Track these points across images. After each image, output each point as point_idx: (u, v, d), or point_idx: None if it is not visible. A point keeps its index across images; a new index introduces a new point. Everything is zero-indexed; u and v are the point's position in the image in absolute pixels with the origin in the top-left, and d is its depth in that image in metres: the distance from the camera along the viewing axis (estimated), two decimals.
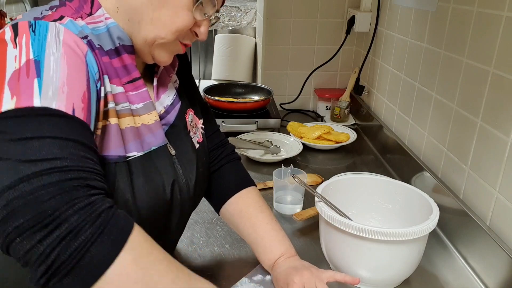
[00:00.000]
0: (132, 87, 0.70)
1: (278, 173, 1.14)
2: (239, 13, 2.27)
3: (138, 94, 0.71)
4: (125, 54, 0.69)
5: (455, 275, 0.94)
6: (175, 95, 0.81)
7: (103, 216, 0.52)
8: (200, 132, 0.86)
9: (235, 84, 1.88)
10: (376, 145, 1.56)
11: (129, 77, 0.70)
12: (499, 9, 0.91)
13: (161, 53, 0.72)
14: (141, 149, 0.70)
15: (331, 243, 0.88)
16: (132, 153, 0.68)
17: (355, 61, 1.88)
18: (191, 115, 0.84)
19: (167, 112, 0.78)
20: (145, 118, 0.72)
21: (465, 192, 1.04)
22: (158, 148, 0.73)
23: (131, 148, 0.68)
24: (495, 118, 0.93)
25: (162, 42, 0.69)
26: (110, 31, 0.67)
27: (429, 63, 1.23)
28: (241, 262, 0.96)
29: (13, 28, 0.59)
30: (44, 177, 0.50)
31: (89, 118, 0.59)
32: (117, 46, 0.68)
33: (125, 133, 0.68)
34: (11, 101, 0.53)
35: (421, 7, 1.27)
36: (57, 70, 0.57)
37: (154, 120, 0.73)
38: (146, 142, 0.71)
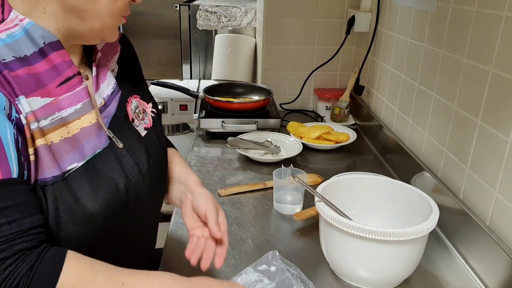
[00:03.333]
0: (66, 88, 0.66)
1: (278, 173, 1.14)
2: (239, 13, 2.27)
3: (73, 94, 0.67)
4: (52, 53, 0.65)
5: (455, 275, 0.94)
6: (115, 83, 0.78)
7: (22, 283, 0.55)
8: (149, 116, 0.84)
9: (235, 84, 1.88)
10: (376, 145, 1.56)
11: (61, 78, 0.66)
12: (499, 9, 0.91)
13: (109, 34, 0.72)
14: (82, 158, 0.67)
15: (331, 243, 0.88)
16: (72, 165, 0.65)
17: (355, 61, 1.88)
18: (135, 101, 0.81)
19: (107, 104, 0.75)
20: (84, 120, 0.68)
21: (465, 192, 1.04)
22: (102, 150, 0.70)
23: (69, 160, 0.65)
24: (495, 118, 0.93)
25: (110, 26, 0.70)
26: (29, 32, 0.63)
27: (429, 63, 1.23)
28: (246, 252, 0.96)
29: None
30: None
31: (6, 167, 0.57)
32: (42, 47, 0.64)
33: (59, 147, 0.64)
34: None
35: (421, 7, 1.27)
36: None
37: (95, 121, 0.70)
38: (88, 148, 0.68)
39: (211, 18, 2.28)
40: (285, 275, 0.85)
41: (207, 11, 2.27)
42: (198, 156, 1.45)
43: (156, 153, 0.82)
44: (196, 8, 2.27)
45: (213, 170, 1.36)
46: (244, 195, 1.22)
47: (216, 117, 1.60)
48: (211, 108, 1.67)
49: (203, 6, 2.26)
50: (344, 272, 0.89)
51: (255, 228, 1.06)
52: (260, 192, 1.24)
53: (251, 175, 1.34)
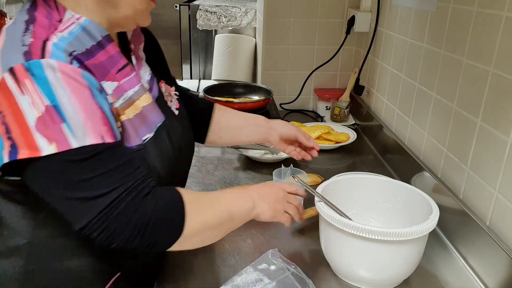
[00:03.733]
0: (123, 75, 0.75)
1: (278, 173, 1.14)
2: (239, 13, 2.27)
3: (129, 80, 0.76)
4: (108, 45, 0.73)
5: (455, 275, 0.94)
6: (150, 70, 0.87)
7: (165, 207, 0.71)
8: (175, 98, 0.93)
9: (235, 84, 1.88)
10: (376, 145, 1.56)
11: (118, 66, 0.74)
12: (499, 9, 0.91)
13: (143, 18, 0.78)
14: (151, 130, 0.79)
15: (331, 243, 0.88)
16: (146, 136, 0.77)
17: (355, 61, 1.88)
18: (163, 86, 0.90)
19: (150, 87, 0.84)
20: (143, 100, 0.78)
21: (465, 192, 1.04)
22: (161, 123, 0.81)
23: (143, 132, 0.77)
24: (495, 118, 0.93)
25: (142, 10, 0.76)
26: (86, 29, 0.70)
27: (429, 63, 1.23)
28: (246, 251, 0.97)
29: (12, 74, 0.62)
30: (117, 204, 0.67)
31: (113, 132, 0.68)
32: (99, 40, 0.72)
33: (134, 122, 0.75)
34: (50, 146, 0.62)
35: (421, 7, 1.27)
36: (74, 110, 0.64)
37: (150, 100, 0.80)
38: (151, 122, 0.79)
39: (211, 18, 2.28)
40: (285, 274, 0.85)
41: (207, 11, 2.27)
42: (198, 156, 1.45)
43: (187, 128, 0.93)
44: (196, 8, 2.27)
45: (213, 170, 1.36)
46: None
47: None
48: None
49: (203, 6, 2.26)
50: (344, 272, 0.89)
51: (255, 228, 1.06)
52: None
53: (251, 175, 1.34)
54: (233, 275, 0.87)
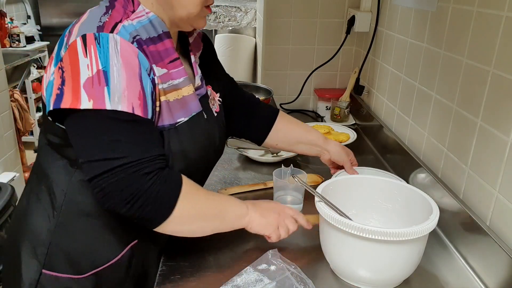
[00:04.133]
0: (173, 66, 0.86)
1: (278, 173, 1.14)
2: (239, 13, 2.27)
3: (178, 71, 0.86)
4: (166, 39, 0.85)
5: (455, 275, 0.94)
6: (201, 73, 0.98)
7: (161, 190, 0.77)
8: (217, 103, 1.04)
9: None
10: (376, 145, 1.56)
11: (170, 58, 0.85)
12: (499, 9, 0.91)
13: (197, 21, 0.88)
14: (187, 115, 0.88)
15: (331, 243, 0.88)
16: (180, 119, 0.86)
17: (355, 61, 1.88)
18: (209, 90, 1.01)
19: (201, 85, 0.95)
20: (185, 90, 0.88)
21: (465, 192, 1.04)
22: (197, 113, 0.90)
23: (179, 115, 0.86)
24: (495, 118, 0.93)
25: (195, 14, 0.85)
26: (152, 22, 0.83)
27: (429, 63, 1.23)
28: (246, 251, 0.97)
29: (83, 39, 0.75)
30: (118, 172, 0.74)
31: (146, 109, 0.78)
32: (160, 34, 0.84)
33: (173, 105, 0.85)
34: (89, 103, 0.73)
35: (421, 7, 1.27)
36: (119, 78, 0.75)
37: (192, 92, 0.90)
38: (189, 109, 0.88)
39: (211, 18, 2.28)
40: (285, 274, 0.85)
41: None
42: None
43: (222, 130, 1.03)
44: None
45: (213, 170, 1.36)
46: (244, 195, 1.22)
47: None
48: None
49: None
50: (344, 272, 0.89)
51: None
52: (260, 192, 1.24)
53: (251, 175, 1.34)
54: (233, 275, 0.87)
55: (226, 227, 0.89)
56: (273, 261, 0.89)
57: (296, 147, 1.21)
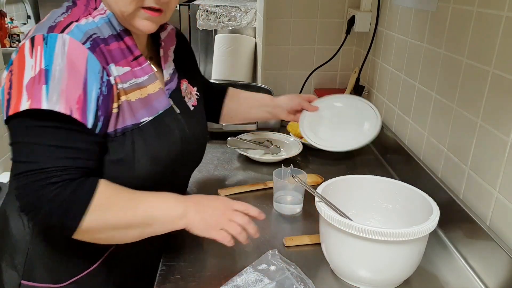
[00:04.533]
0: (136, 64, 0.85)
1: (278, 173, 1.14)
2: (239, 13, 2.27)
3: (142, 69, 0.86)
4: (126, 37, 0.84)
5: (455, 275, 0.94)
6: (173, 67, 0.98)
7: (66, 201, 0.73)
8: (194, 97, 1.03)
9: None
10: (376, 145, 1.56)
11: (133, 56, 0.84)
12: (499, 9, 0.91)
13: (136, 22, 0.83)
14: (151, 114, 0.86)
15: (331, 243, 0.88)
16: (144, 119, 0.84)
17: (355, 61, 1.88)
18: (185, 84, 1.01)
19: (171, 79, 0.95)
20: (150, 88, 0.87)
21: (465, 192, 1.04)
22: (164, 110, 0.89)
23: (142, 115, 0.84)
24: (495, 118, 0.93)
25: (129, 14, 0.81)
26: (110, 20, 0.82)
27: (429, 63, 1.23)
28: (246, 251, 0.96)
29: (31, 41, 0.74)
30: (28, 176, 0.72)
31: (85, 115, 0.75)
32: (119, 32, 0.83)
33: (135, 104, 0.83)
34: (27, 102, 0.71)
35: (421, 7, 1.27)
36: (60, 79, 0.72)
37: (158, 88, 0.88)
38: (153, 108, 0.87)
39: (211, 18, 2.28)
40: (285, 274, 0.85)
41: (207, 11, 2.27)
42: None
43: (200, 124, 1.02)
44: (196, 8, 2.27)
45: (213, 170, 1.36)
46: (244, 195, 1.22)
47: None
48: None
49: (203, 6, 2.26)
50: (344, 273, 0.89)
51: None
52: (260, 192, 1.24)
53: (251, 175, 1.34)
54: (233, 275, 0.87)
55: (158, 231, 0.82)
56: (273, 261, 0.89)
57: (250, 113, 1.25)
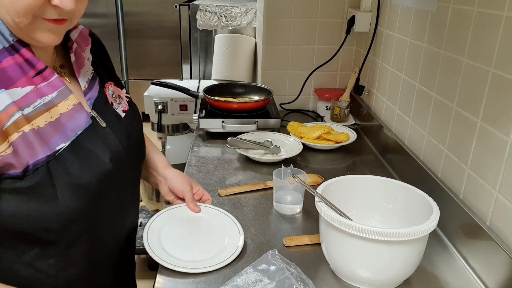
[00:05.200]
0: (41, 79, 0.72)
1: (278, 173, 1.14)
2: (239, 13, 2.27)
3: (49, 84, 0.73)
4: (22, 48, 0.71)
5: (455, 275, 0.94)
6: (93, 70, 0.86)
7: None
8: (125, 101, 0.92)
9: (235, 84, 1.88)
10: (376, 145, 1.56)
11: (35, 70, 0.72)
12: (499, 9, 0.91)
13: (35, 34, 0.70)
14: (67, 139, 0.74)
15: (331, 243, 0.88)
16: (60, 145, 0.72)
17: (355, 61, 1.88)
18: (111, 87, 0.89)
19: (90, 87, 0.82)
20: (63, 106, 0.74)
21: (465, 192, 1.04)
22: (84, 130, 0.77)
23: (57, 141, 0.72)
24: (495, 118, 0.93)
25: (26, 25, 0.68)
26: (0, 30, 0.69)
27: (429, 63, 1.23)
28: (246, 252, 0.96)
29: None
30: None
31: None
32: (12, 43, 0.70)
33: (45, 131, 0.71)
34: None
35: (421, 7, 1.27)
36: None
37: (72, 105, 0.76)
38: (69, 130, 0.74)
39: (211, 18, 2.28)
40: (285, 274, 0.85)
41: (207, 11, 2.27)
42: (198, 156, 1.45)
43: (134, 132, 0.91)
44: (196, 8, 2.27)
45: (213, 170, 1.36)
46: (244, 195, 1.22)
47: (216, 117, 1.60)
48: (211, 108, 1.67)
49: (203, 6, 2.26)
50: (344, 273, 0.89)
51: (255, 228, 1.06)
52: (260, 192, 1.24)
53: (251, 175, 1.34)
54: (233, 275, 0.87)
55: None
56: (273, 261, 0.89)
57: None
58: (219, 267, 0.89)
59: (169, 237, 0.96)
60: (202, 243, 0.96)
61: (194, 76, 2.47)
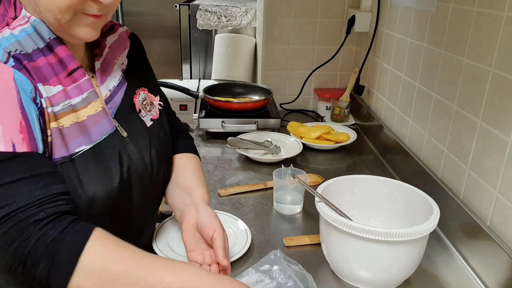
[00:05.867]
0: (71, 81, 0.72)
1: (278, 173, 1.14)
2: (239, 13, 2.27)
3: (77, 86, 0.73)
4: (57, 47, 0.71)
5: (455, 275, 0.94)
6: (121, 76, 0.83)
7: (53, 242, 0.60)
8: (156, 108, 0.89)
9: (235, 84, 1.88)
10: (376, 145, 1.56)
11: (67, 70, 0.72)
12: (499, 9, 0.91)
13: (74, 29, 0.70)
14: (90, 142, 0.72)
15: (331, 243, 0.88)
16: (80, 148, 0.71)
17: (355, 61, 1.88)
18: (142, 94, 0.86)
19: (112, 95, 0.80)
20: (90, 108, 0.74)
21: (465, 192, 1.04)
22: (108, 136, 0.75)
23: (78, 143, 0.71)
24: (495, 118, 0.93)
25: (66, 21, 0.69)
26: (36, 29, 0.70)
27: (429, 63, 1.23)
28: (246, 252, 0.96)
29: None
30: (4, 223, 0.59)
31: (33, 142, 0.64)
32: (48, 42, 0.70)
33: (69, 131, 0.70)
34: None
35: (421, 7, 1.27)
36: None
37: (101, 108, 0.75)
38: (95, 133, 0.73)
39: (211, 18, 2.28)
40: (288, 273, 0.85)
41: (207, 11, 2.27)
42: None
43: (160, 143, 0.86)
44: (196, 8, 2.27)
45: (213, 170, 1.36)
46: (244, 195, 1.22)
47: (216, 117, 1.60)
48: (211, 108, 1.67)
49: (203, 6, 2.26)
50: (345, 273, 0.89)
51: (255, 228, 1.06)
52: (260, 192, 1.24)
53: (251, 175, 1.34)
54: (235, 276, 0.86)
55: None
56: (276, 262, 0.89)
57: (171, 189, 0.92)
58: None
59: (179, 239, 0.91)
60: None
61: (194, 76, 2.47)
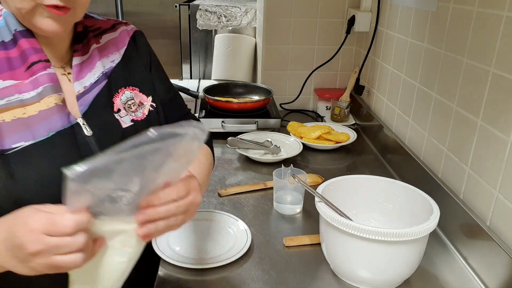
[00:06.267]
0: (30, 73, 0.70)
1: (278, 173, 1.14)
2: (239, 13, 2.27)
3: (35, 79, 0.70)
4: (21, 39, 0.70)
5: (455, 275, 0.94)
6: (102, 73, 0.79)
7: None
8: (145, 109, 0.83)
9: (235, 84, 1.88)
10: (376, 145, 1.56)
11: (27, 63, 0.69)
12: (499, 9, 0.91)
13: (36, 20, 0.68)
14: (31, 138, 0.68)
15: (331, 243, 0.88)
16: (18, 144, 0.67)
17: (355, 61, 1.88)
18: (128, 93, 0.82)
19: (86, 92, 0.76)
20: (43, 103, 0.70)
21: (465, 192, 1.04)
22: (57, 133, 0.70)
23: (16, 139, 0.67)
24: (495, 118, 0.93)
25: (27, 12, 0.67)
26: (6, 21, 0.70)
27: (429, 63, 1.23)
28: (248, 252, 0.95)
29: None
30: None
31: None
32: (14, 33, 0.70)
33: (9, 126, 0.67)
34: None
35: (421, 7, 1.27)
36: None
37: (53, 104, 0.70)
38: (42, 130, 0.69)
39: (211, 18, 2.28)
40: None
41: (207, 11, 2.27)
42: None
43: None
44: (196, 8, 2.27)
45: (213, 170, 1.36)
46: (244, 195, 1.22)
47: (216, 117, 1.60)
48: (211, 108, 1.67)
49: (203, 6, 2.26)
50: (345, 273, 0.89)
51: (255, 228, 1.06)
52: (260, 192, 1.24)
53: (251, 175, 1.34)
54: (234, 275, 0.86)
55: None
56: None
57: None
58: (218, 265, 0.90)
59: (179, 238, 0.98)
60: (209, 243, 0.98)
61: (194, 76, 2.47)
